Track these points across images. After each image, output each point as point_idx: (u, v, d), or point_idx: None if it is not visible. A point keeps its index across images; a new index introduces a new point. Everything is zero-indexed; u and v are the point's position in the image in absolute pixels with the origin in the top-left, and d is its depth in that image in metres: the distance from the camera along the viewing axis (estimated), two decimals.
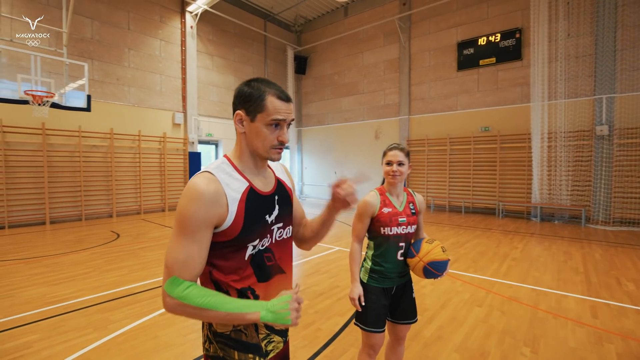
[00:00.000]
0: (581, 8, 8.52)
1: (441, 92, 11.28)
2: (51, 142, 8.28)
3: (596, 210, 8.30)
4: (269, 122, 1.00)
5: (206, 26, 11.81)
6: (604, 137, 8.20)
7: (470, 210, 10.58)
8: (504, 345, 2.69)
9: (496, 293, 3.80)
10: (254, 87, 1.01)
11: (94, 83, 8.97)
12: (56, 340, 2.76)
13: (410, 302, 1.90)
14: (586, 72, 8.53)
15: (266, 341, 1.06)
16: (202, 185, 0.93)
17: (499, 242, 6.33)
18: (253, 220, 1.01)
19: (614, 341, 2.74)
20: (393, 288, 1.87)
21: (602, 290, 3.87)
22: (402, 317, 1.88)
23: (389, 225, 1.78)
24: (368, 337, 1.81)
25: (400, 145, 1.83)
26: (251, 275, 1.03)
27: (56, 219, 8.38)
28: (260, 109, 1.00)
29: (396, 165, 1.78)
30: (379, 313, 1.81)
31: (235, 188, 1.00)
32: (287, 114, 1.02)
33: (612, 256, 5.34)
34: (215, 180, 0.96)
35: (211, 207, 0.93)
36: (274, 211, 1.10)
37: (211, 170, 1.00)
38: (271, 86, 1.02)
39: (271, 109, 1.00)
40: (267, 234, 1.07)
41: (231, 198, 0.97)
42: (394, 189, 1.85)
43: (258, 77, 1.05)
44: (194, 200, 0.91)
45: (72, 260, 5.08)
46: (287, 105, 1.03)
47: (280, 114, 1.00)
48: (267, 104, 1.00)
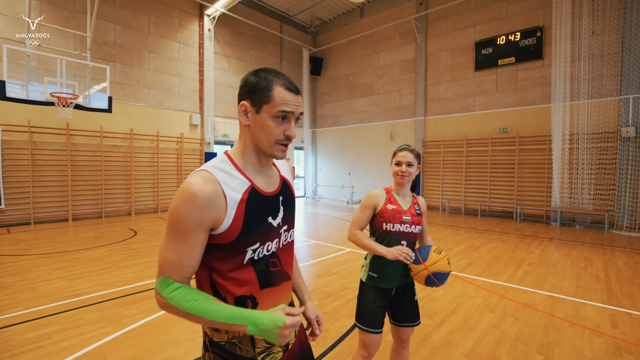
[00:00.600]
0: (607, 4, 8.19)
1: (458, 93, 11.07)
2: (75, 142, 8.61)
3: (620, 215, 7.94)
4: (276, 114, 0.92)
5: (223, 29, 12.02)
6: (630, 139, 7.84)
7: (487, 214, 10.33)
8: (516, 352, 2.62)
9: (510, 299, 3.69)
10: (261, 77, 0.93)
11: (115, 85, 9.28)
12: (73, 332, 2.87)
13: (412, 305, 1.89)
14: (611, 72, 8.19)
15: (264, 354, 0.99)
16: (198, 185, 0.86)
17: (516, 247, 6.15)
18: (254, 223, 0.94)
19: (634, 352, 2.62)
20: (393, 289, 1.86)
21: (624, 299, 3.70)
22: (404, 319, 1.87)
23: (392, 221, 1.78)
24: (365, 337, 1.81)
25: (410, 147, 1.84)
26: (253, 281, 0.96)
27: (78, 216, 8.71)
28: (266, 100, 0.92)
29: (405, 166, 1.79)
30: (376, 313, 1.80)
31: (236, 188, 0.92)
32: (295, 107, 0.94)
33: (636, 263, 5.10)
34: (212, 180, 0.88)
35: (206, 209, 0.86)
36: (279, 213, 1.02)
37: (209, 168, 0.92)
38: (280, 76, 0.94)
39: (278, 100, 0.91)
40: (275, 238, 1.00)
41: (230, 199, 0.90)
42: (401, 189, 1.87)
43: (266, 67, 0.97)
44: (187, 202, 0.85)
45: (91, 256, 5.26)
46: (296, 97, 0.95)
47: (288, 105, 0.92)
48: (274, 94, 0.92)
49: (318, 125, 15.65)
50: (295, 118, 0.96)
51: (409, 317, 1.87)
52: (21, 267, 4.67)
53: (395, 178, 1.84)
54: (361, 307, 1.83)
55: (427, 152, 11.82)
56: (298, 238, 6.99)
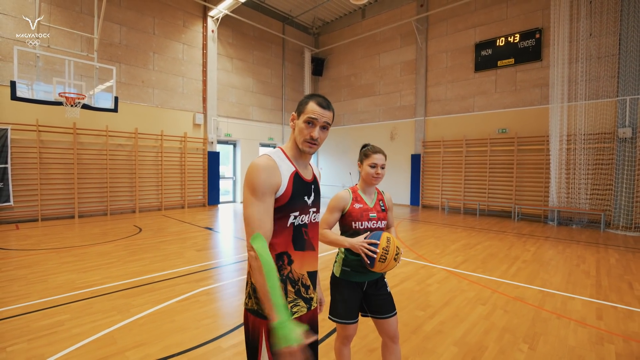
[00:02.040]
0: (604, 7, 8.30)
1: (458, 94, 11.20)
2: (81, 141, 8.81)
3: (617, 215, 8.06)
4: (305, 120, 1.28)
5: (226, 30, 12.20)
6: (627, 140, 7.95)
7: (486, 213, 10.46)
8: (502, 341, 2.77)
9: (502, 293, 3.84)
10: (306, 97, 1.33)
11: (120, 85, 9.48)
12: (85, 320, 3.04)
13: (386, 297, 1.92)
14: (609, 73, 8.30)
15: (292, 304, 1.28)
16: (264, 161, 1.23)
17: (511, 245, 6.28)
18: (297, 195, 1.28)
19: (615, 342, 2.76)
20: (365, 283, 1.90)
21: (611, 294, 3.84)
22: (379, 311, 1.89)
23: (360, 219, 1.86)
24: (343, 329, 1.88)
25: (382, 149, 1.93)
26: (289, 241, 1.28)
27: (84, 213, 8.91)
28: (302, 110, 1.30)
29: (380, 169, 1.87)
30: (351, 306, 1.86)
31: (286, 169, 1.28)
32: (320, 116, 1.28)
33: (628, 261, 5.23)
34: (272, 160, 1.26)
35: (272, 175, 1.21)
36: (311, 196, 1.36)
37: (269, 153, 1.29)
38: (316, 97, 1.31)
39: (309, 110, 1.28)
40: (306, 212, 1.32)
41: (284, 174, 1.26)
42: (368, 188, 1.94)
43: (315, 93, 1.35)
44: (260, 171, 1.20)
45: (98, 251, 5.44)
46: (323, 110, 1.29)
47: (314, 114, 1.28)
48: (307, 107, 1.29)
49: None
50: (320, 125, 1.29)
51: (384, 309, 1.89)
52: (32, 260, 4.86)
53: (368, 179, 1.89)
54: (335, 301, 1.88)
55: (427, 152, 11.95)
56: None
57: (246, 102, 13.00)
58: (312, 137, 1.29)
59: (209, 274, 4.43)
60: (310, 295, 1.36)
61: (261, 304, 1.17)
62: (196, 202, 11.38)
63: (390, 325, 1.89)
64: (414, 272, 4.59)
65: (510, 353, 2.58)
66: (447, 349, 2.63)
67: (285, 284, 1.27)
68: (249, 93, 13.11)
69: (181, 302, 3.48)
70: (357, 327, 1.92)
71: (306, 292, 1.34)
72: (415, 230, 7.76)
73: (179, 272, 4.47)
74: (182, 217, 9.15)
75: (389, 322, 1.89)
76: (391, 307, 1.92)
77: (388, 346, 1.93)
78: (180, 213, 9.96)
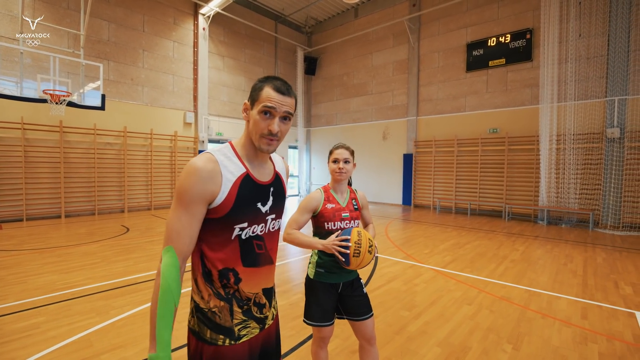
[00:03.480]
0: (593, 8, 8.37)
1: (450, 93, 11.22)
2: (68, 140, 8.66)
3: (605, 214, 8.13)
4: (261, 110, 1.03)
5: (218, 28, 12.09)
6: (615, 140, 8.02)
7: (477, 213, 10.50)
8: (486, 341, 2.74)
9: (488, 293, 3.82)
10: (260, 81, 1.07)
11: (109, 83, 9.33)
12: (61, 322, 2.96)
13: (361, 298, 1.88)
14: (597, 74, 8.37)
15: (240, 326, 1.08)
16: (200, 163, 1.00)
17: (500, 244, 6.30)
18: (244, 204, 1.06)
19: (598, 341, 2.75)
20: (340, 284, 1.86)
21: (597, 293, 3.84)
22: (355, 313, 1.84)
23: (332, 220, 1.83)
24: (318, 331, 1.84)
25: (345, 145, 1.90)
26: (237, 257, 1.07)
27: (71, 212, 8.76)
28: (256, 98, 1.05)
29: (342, 163, 1.84)
30: (326, 308, 1.82)
31: (232, 171, 1.05)
32: (279, 104, 1.03)
33: (615, 260, 5.26)
34: (213, 161, 1.02)
35: (206, 183, 0.99)
36: (268, 201, 1.13)
37: (212, 151, 1.06)
38: (274, 80, 1.06)
39: (264, 97, 1.03)
40: (261, 222, 1.11)
41: (226, 179, 1.03)
42: (338, 186, 1.92)
43: (272, 76, 1.09)
44: (191, 175, 0.98)
45: (83, 252, 5.34)
46: (282, 97, 1.04)
47: (271, 102, 1.02)
48: (262, 93, 1.04)
49: (312, 124, 15.76)
50: (281, 116, 1.05)
51: (360, 311, 1.84)
52: (13, 261, 4.74)
53: (333, 175, 1.88)
54: (310, 304, 1.83)
55: (419, 152, 11.97)
56: None
57: (238, 101, 12.90)
58: (271, 131, 1.04)
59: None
60: (264, 315, 1.16)
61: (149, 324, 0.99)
62: None
63: (366, 327, 1.84)
64: (402, 271, 4.57)
65: (494, 354, 2.55)
66: (431, 350, 2.60)
67: (230, 303, 1.07)
68: (240, 92, 13.01)
69: None
70: (333, 330, 1.88)
71: (259, 311, 1.14)
72: (406, 230, 7.74)
73: None
74: None
75: (365, 324, 1.84)
76: (367, 309, 1.87)
77: (365, 348, 1.89)
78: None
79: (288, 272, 4.62)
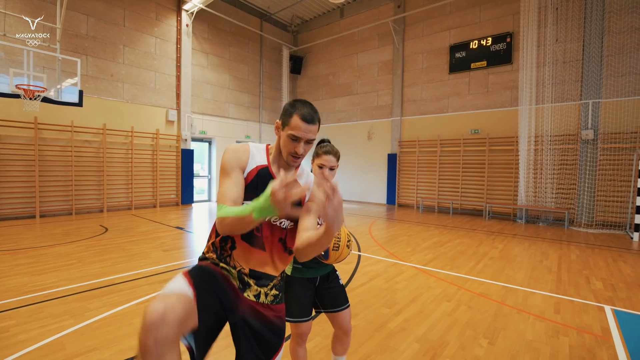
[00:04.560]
0: (569, 14, 8.66)
1: (433, 94, 11.40)
2: (43, 137, 8.35)
3: (580, 213, 8.44)
4: (289, 135, 1.26)
5: (202, 24, 11.91)
6: (589, 142, 8.33)
7: (459, 212, 10.71)
8: (464, 336, 2.80)
9: (467, 289, 3.91)
10: (291, 106, 1.28)
11: (88, 79, 9.06)
12: (32, 325, 2.85)
13: (338, 290, 1.93)
14: (573, 77, 8.67)
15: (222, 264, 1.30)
16: (236, 145, 1.34)
17: (480, 242, 6.44)
18: (254, 186, 1.28)
19: (569, 335, 2.85)
20: (317, 279, 1.91)
21: (570, 288, 3.98)
22: (332, 305, 1.90)
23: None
24: (296, 327, 1.86)
25: (333, 148, 1.87)
26: None
27: (46, 212, 8.46)
28: (287, 123, 1.27)
29: (328, 170, 1.84)
30: (304, 303, 1.85)
31: (257, 160, 1.33)
32: (305, 134, 1.24)
33: (587, 257, 5.47)
34: (247, 146, 1.34)
35: (240, 154, 1.29)
36: None
37: (248, 143, 1.37)
38: (303, 108, 1.25)
39: (293, 126, 1.24)
40: None
41: (252, 159, 1.31)
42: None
43: (302, 99, 1.31)
44: (229, 151, 1.29)
45: (58, 252, 5.16)
46: (308, 126, 1.24)
47: (298, 132, 1.24)
48: (292, 121, 1.25)
49: None
50: (305, 141, 1.27)
51: (337, 302, 1.90)
52: None
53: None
54: (288, 300, 1.84)
55: (403, 152, 12.11)
56: None
57: (222, 99, 12.74)
58: (297, 152, 1.27)
59: (174, 275, 4.27)
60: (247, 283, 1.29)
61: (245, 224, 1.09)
62: (169, 201, 11.05)
63: (344, 318, 1.89)
64: (384, 270, 4.61)
65: (470, 349, 2.61)
66: (410, 346, 2.64)
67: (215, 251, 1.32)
68: (225, 90, 12.86)
69: (141, 304, 3.33)
70: (311, 326, 1.90)
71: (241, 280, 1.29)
72: (389, 229, 7.83)
73: (142, 273, 4.30)
74: (153, 217, 8.85)
75: (343, 314, 1.89)
76: (344, 300, 1.92)
77: (340, 338, 1.95)
78: (152, 212, 9.63)
79: None
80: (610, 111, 8.13)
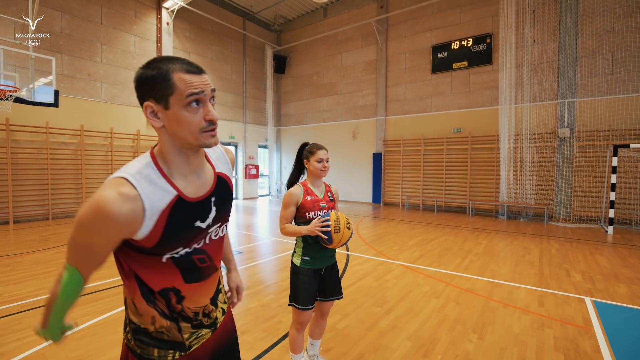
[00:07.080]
0: (546, 16, 8.96)
1: (416, 94, 11.57)
2: (16, 139, 7.98)
3: (558, 208, 8.75)
4: (187, 102, 0.83)
5: (183, 23, 11.66)
6: (566, 139, 8.65)
7: (443, 209, 10.91)
8: (454, 332, 2.85)
9: (455, 286, 3.98)
10: (155, 68, 0.83)
11: (63, 78, 8.71)
12: (10, 338, 2.71)
13: (337, 281, 2.18)
14: (550, 78, 8.97)
15: (192, 338, 1.00)
16: (115, 205, 0.76)
17: (465, 239, 6.58)
18: (176, 231, 0.88)
19: (554, 327, 2.95)
20: (322, 269, 2.12)
21: (551, 282, 4.12)
22: (330, 294, 2.15)
23: (312, 209, 2.06)
24: (299, 315, 2.06)
25: (324, 146, 2.16)
26: (176, 276, 0.93)
27: (21, 218, 8.08)
28: (170, 91, 0.82)
29: (326, 162, 2.10)
30: (310, 293, 2.06)
31: (158, 200, 0.84)
32: (203, 86, 0.85)
33: (567, 251, 5.67)
34: (132, 197, 0.79)
35: (120, 230, 0.79)
36: (209, 215, 0.97)
37: (132, 178, 0.81)
38: (174, 61, 0.84)
39: (181, 86, 0.82)
40: (202, 239, 0.97)
41: (150, 213, 0.82)
42: (316, 181, 2.15)
43: (158, 57, 0.86)
44: (100, 221, 0.76)
45: (35, 260, 4.94)
46: (200, 76, 0.85)
47: (195, 87, 0.83)
48: (175, 82, 0.82)
49: (282, 123, 15.64)
50: (210, 98, 0.87)
51: (335, 292, 2.16)
52: None
53: (317, 173, 2.10)
54: (297, 289, 2.05)
55: (387, 151, 12.24)
56: (261, 235, 6.99)
57: None
58: (212, 120, 0.86)
59: None
60: (214, 317, 1.07)
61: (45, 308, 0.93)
62: None
63: (330, 305, 2.19)
64: (373, 268, 4.64)
65: (461, 344, 2.66)
66: (402, 344, 2.66)
67: (176, 322, 0.96)
68: None
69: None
70: (312, 314, 2.11)
71: (209, 318, 1.05)
72: (376, 228, 7.89)
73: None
74: None
75: (332, 303, 2.19)
76: (340, 291, 2.18)
77: (318, 322, 2.22)
78: None
79: (259, 273, 4.54)
80: (585, 110, 8.47)
